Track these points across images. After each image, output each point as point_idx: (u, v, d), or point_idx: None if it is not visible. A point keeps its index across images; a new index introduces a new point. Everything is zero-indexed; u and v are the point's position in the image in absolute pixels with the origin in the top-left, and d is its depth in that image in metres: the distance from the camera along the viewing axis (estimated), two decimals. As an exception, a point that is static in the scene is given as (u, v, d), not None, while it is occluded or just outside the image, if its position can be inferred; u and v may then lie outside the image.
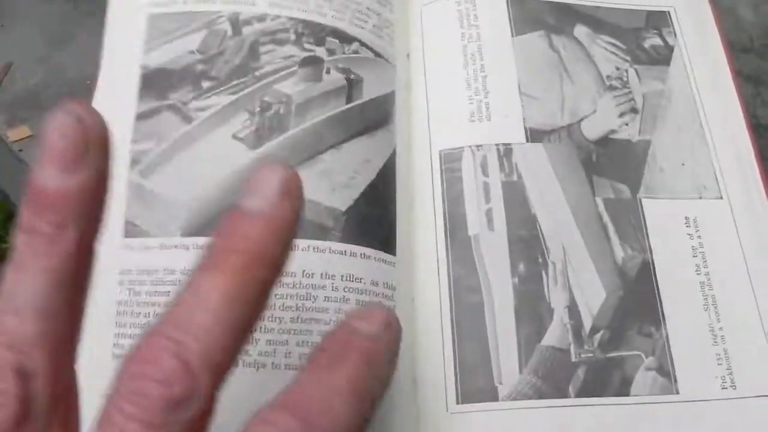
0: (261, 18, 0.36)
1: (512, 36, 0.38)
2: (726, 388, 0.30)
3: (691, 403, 0.30)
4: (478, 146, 0.34)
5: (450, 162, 0.34)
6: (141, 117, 0.33)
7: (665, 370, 0.30)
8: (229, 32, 0.35)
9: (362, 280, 0.30)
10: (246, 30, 0.35)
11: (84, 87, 0.44)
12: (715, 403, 0.30)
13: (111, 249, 0.31)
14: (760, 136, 0.40)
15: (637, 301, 0.31)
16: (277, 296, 0.30)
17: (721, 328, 0.31)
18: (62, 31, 0.48)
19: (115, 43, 0.35)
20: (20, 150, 0.44)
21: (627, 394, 0.29)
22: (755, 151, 0.35)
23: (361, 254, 0.31)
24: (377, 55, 0.37)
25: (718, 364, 0.30)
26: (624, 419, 0.29)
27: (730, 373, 0.30)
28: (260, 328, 0.30)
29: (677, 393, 0.30)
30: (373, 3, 0.38)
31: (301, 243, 0.30)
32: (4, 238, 1.18)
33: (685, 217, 0.34)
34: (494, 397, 0.29)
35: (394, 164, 0.34)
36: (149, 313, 0.30)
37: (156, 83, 0.34)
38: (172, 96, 0.34)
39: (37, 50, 0.47)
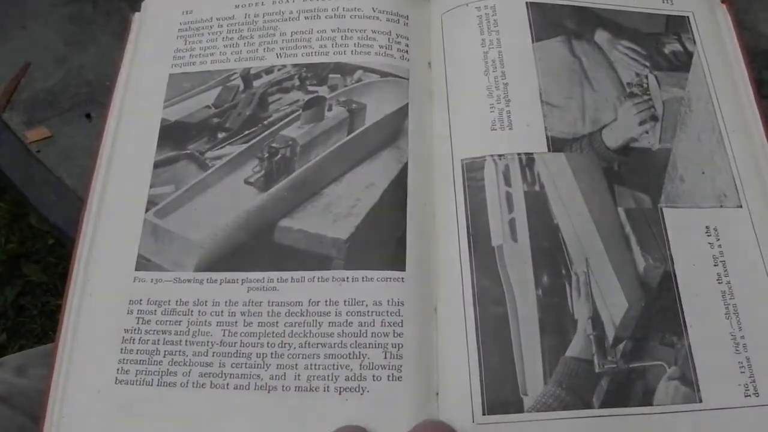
0: (269, 70, 0.39)
1: (533, 42, 0.37)
2: (749, 395, 0.30)
3: (714, 412, 0.30)
4: (500, 156, 0.34)
5: (472, 171, 0.34)
6: (159, 164, 0.37)
7: (688, 379, 0.30)
8: (241, 87, 0.38)
9: (364, 303, 0.32)
10: (256, 83, 0.38)
11: (103, 88, 0.44)
12: (738, 411, 0.30)
13: (121, 280, 0.34)
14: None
15: (659, 311, 0.31)
16: (286, 324, 0.32)
17: (743, 337, 0.31)
18: (81, 32, 0.48)
19: (137, 98, 0.39)
20: (38, 151, 0.43)
21: (650, 404, 0.30)
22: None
23: (363, 278, 0.32)
24: (384, 74, 0.38)
25: (741, 372, 0.31)
26: (647, 429, 0.29)
27: (753, 381, 0.30)
28: (271, 353, 0.31)
29: (700, 402, 0.30)
30: (380, 24, 0.39)
31: (306, 275, 0.33)
32: (9, 239, 1.19)
33: (706, 226, 0.34)
34: (519, 409, 0.29)
35: (405, 179, 0.35)
36: (158, 340, 0.33)
37: (174, 135, 0.37)
38: (190, 146, 0.37)
39: (56, 51, 0.47)
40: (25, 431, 0.44)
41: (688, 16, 0.40)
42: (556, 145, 0.35)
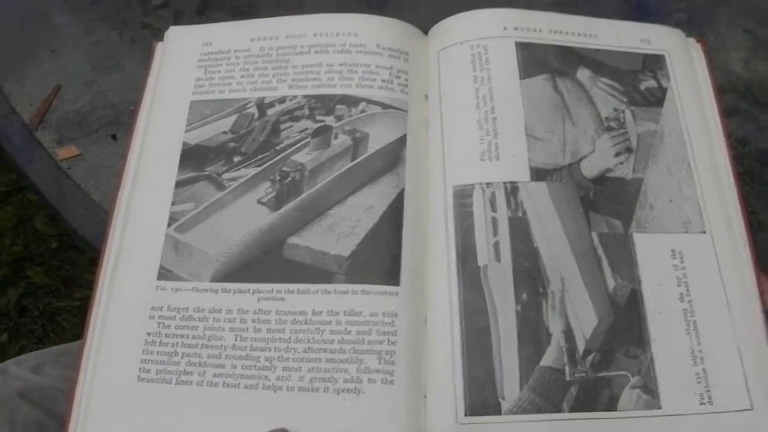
0: (281, 100, 0.41)
1: (520, 79, 0.40)
2: (704, 403, 0.33)
3: (672, 417, 0.33)
4: (487, 184, 0.37)
5: (462, 198, 0.37)
6: (180, 184, 0.39)
7: (649, 388, 0.33)
8: (256, 114, 0.41)
9: (362, 314, 0.35)
10: (269, 111, 0.41)
11: (128, 111, 0.47)
12: (694, 417, 0.33)
13: (144, 288, 0.37)
14: (744, 183, 0.43)
15: (626, 326, 0.34)
16: (292, 331, 0.35)
17: (701, 351, 0.34)
18: (108, 58, 0.51)
19: (160, 123, 0.42)
20: (68, 168, 0.46)
21: (615, 409, 0.33)
22: (738, 194, 0.38)
23: (361, 291, 0.35)
24: (385, 107, 0.41)
25: (698, 383, 0.34)
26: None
27: (708, 390, 0.33)
28: (278, 357, 0.34)
29: (660, 408, 0.33)
30: (383, 59, 0.42)
31: (311, 287, 0.36)
32: (14, 241, 1.21)
33: (672, 250, 0.36)
34: (498, 411, 0.32)
35: (402, 203, 0.38)
36: (177, 343, 0.36)
37: (194, 157, 0.40)
38: (208, 168, 0.40)
39: (85, 75, 0.50)
40: (41, 425, 0.46)
41: (664, 55, 0.43)
42: (538, 174, 0.38)
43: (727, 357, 0.34)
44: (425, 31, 0.44)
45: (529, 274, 0.35)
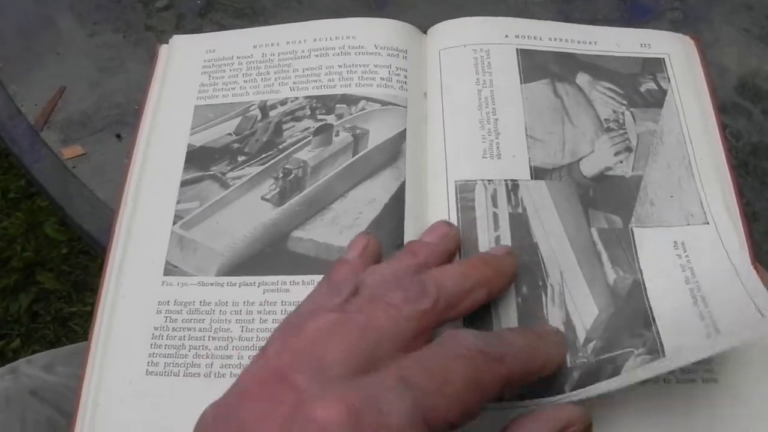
0: (283, 102, 0.45)
1: (521, 83, 0.44)
2: (711, 336, 0.34)
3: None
4: (489, 180, 0.40)
5: (464, 192, 0.40)
6: (185, 183, 0.42)
7: (655, 351, 0.35)
8: (259, 117, 0.44)
9: None
10: (272, 113, 0.44)
11: (132, 110, 0.50)
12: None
13: (151, 284, 0.39)
14: (739, 175, 0.46)
15: (628, 313, 0.36)
16: None
17: (709, 312, 0.35)
18: (112, 59, 0.54)
19: (165, 126, 0.45)
20: (74, 167, 0.49)
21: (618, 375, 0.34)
22: (734, 186, 0.41)
23: None
24: (385, 104, 0.44)
25: (704, 324, 0.35)
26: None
27: (715, 324, 0.34)
28: None
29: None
30: (381, 59, 0.45)
31: (315, 278, 0.38)
32: (25, 247, 1.23)
33: (674, 242, 0.39)
34: (500, 395, 0.34)
35: (403, 195, 0.41)
36: (184, 336, 0.38)
37: (199, 158, 0.43)
38: (213, 168, 0.43)
39: (89, 76, 0.53)
40: (53, 422, 0.49)
41: (664, 58, 0.46)
42: (538, 174, 0.41)
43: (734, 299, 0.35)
44: (424, 30, 0.47)
45: (529, 268, 0.38)
